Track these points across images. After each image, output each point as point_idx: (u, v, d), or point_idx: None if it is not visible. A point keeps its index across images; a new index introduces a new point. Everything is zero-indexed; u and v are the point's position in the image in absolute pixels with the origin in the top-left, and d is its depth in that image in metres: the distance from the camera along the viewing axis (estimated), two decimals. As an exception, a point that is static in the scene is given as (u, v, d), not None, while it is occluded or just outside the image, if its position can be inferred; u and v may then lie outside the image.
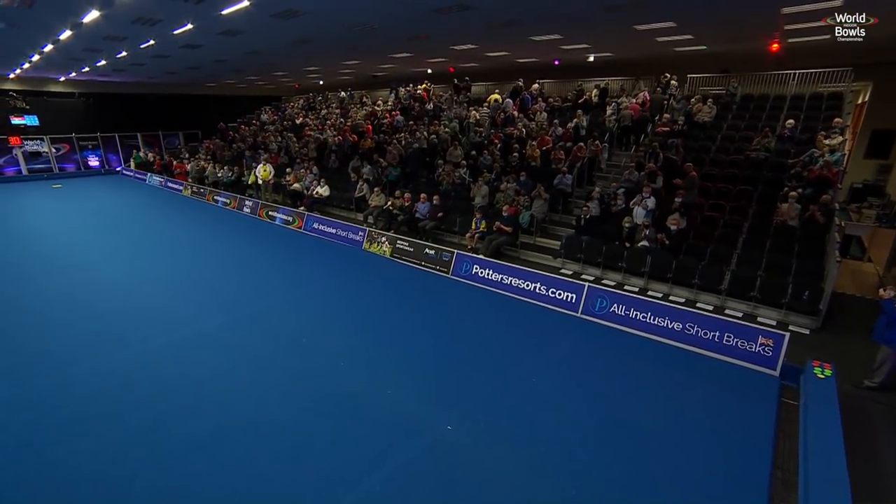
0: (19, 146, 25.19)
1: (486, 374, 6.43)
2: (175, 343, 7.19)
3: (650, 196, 10.00)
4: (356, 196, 14.90)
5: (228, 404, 5.69)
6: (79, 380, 6.19)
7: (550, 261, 10.73)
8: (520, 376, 6.38)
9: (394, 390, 6.03)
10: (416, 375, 6.39)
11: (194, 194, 20.07)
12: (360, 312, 8.42)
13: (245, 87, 31.94)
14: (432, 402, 5.79)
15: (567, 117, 15.66)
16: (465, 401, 5.83)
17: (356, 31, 13.27)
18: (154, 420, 5.39)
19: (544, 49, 15.96)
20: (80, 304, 8.60)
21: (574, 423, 5.46)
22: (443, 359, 6.83)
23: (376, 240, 12.01)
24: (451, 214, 12.42)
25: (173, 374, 6.35)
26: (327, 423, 5.38)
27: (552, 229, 11.96)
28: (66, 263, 10.94)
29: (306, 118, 24.72)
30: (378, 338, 7.45)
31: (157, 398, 5.80)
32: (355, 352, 7.01)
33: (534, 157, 13.72)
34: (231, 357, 6.80)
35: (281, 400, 5.80)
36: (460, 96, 20.69)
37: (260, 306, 8.59)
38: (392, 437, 5.18)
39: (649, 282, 9.26)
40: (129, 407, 5.63)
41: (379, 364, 6.67)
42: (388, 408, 5.67)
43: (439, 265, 10.56)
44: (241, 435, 5.15)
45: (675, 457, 4.94)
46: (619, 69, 18.08)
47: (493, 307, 8.76)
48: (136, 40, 14.14)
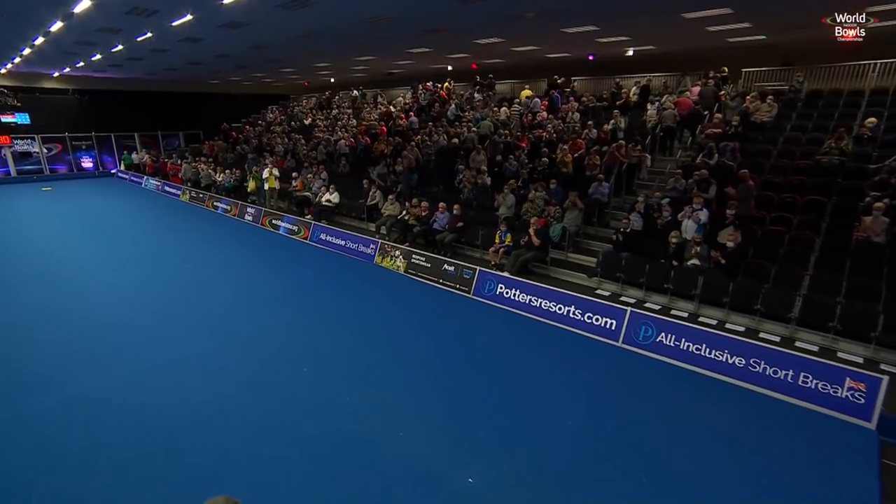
0: (8, 146, 25.62)
1: (513, 414, 5.95)
2: (160, 368, 6.88)
3: (702, 208, 9.47)
4: (368, 204, 14.71)
5: (215, 444, 5.31)
6: (45, 410, 5.88)
7: (585, 280, 10.30)
8: (552, 417, 5.88)
9: (406, 431, 5.59)
10: (432, 414, 5.95)
11: (192, 200, 20.11)
12: (370, 337, 8.05)
13: (251, 84, 32.38)
14: (451, 448, 5.33)
15: (602, 118, 15.32)
16: (489, 447, 5.35)
17: (369, 23, 13.17)
18: (128, 461, 5.02)
19: (578, 43, 15.76)
20: (56, 321, 8.39)
21: (621, 482, 4.93)
22: (462, 394, 6.38)
23: (389, 253, 11.71)
24: (472, 226, 12.09)
25: (154, 404, 6.01)
26: (327, 469, 4.96)
27: (587, 244, 11.57)
28: (45, 274, 10.84)
29: (315, 118, 24.81)
30: (389, 367, 7.06)
31: (133, 435, 5.44)
32: (363, 383, 6.62)
33: (565, 163, 13.36)
34: (221, 386, 6.45)
35: (276, 440, 5.40)
36: (483, 95, 20.46)
37: (258, 326, 8.29)
38: (403, 489, 4.73)
39: (701, 306, 8.71)
40: (98, 445, 5.28)
41: (389, 399, 6.25)
42: (398, 452, 5.23)
43: (459, 283, 10.19)
44: (228, 481, 4.75)
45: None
46: (660, 65, 17.77)
47: (521, 333, 8.31)
48: (132, 33, 14.25)
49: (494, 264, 10.78)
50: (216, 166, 21.75)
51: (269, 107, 29.99)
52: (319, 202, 15.51)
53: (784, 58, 15.92)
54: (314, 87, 33.23)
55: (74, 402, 6.05)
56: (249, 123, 28.01)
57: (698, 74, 15.51)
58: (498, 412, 5.98)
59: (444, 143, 16.10)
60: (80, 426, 5.61)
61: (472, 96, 20.44)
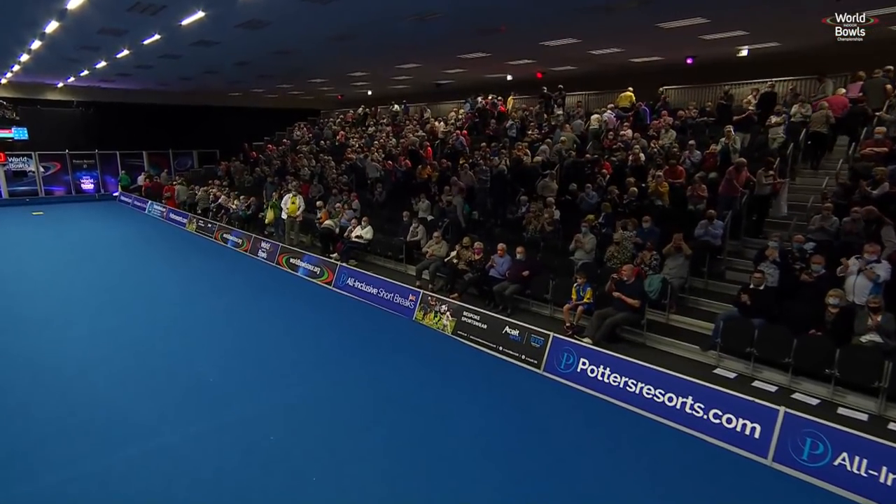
0: (2, 164, 26.60)
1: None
2: (131, 460, 6.02)
3: (879, 259, 7.97)
4: (408, 240, 14.19)
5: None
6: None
7: (697, 353, 9.06)
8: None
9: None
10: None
11: (200, 230, 20.23)
12: (405, 428, 6.94)
13: (276, 97, 33.15)
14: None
15: (707, 136, 14.70)
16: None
17: (414, 21, 13.02)
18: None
19: (676, 42, 15.12)
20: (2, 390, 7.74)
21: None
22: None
23: (434, 308, 10.87)
24: (540, 274, 11.20)
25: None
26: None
27: (694, 302, 10.54)
28: (8, 317, 10.58)
29: (348, 137, 25.03)
30: (433, 477, 5.91)
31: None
32: (394, 497, 5.54)
33: (660, 195, 12.52)
34: (211, 495, 5.48)
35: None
36: (551, 110, 20.13)
37: (257, 407, 7.37)
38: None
39: (888, 406, 7.13)
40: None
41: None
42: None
43: (526, 353, 9.12)
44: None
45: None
46: (784, 66, 16.66)
47: (612, 432, 7.04)
48: (138, 34, 14.49)
49: (569, 325, 9.95)
50: (230, 191, 21.94)
51: (296, 123, 30.38)
52: (349, 238, 15.02)
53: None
54: (349, 102, 33.71)
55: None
56: (273, 142, 28.48)
57: (843, 76, 14.28)
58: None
59: (503, 168, 15.44)
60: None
61: (552, 108, 19.99)
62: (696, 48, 16.06)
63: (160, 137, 30.63)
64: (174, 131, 31.01)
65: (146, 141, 30.44)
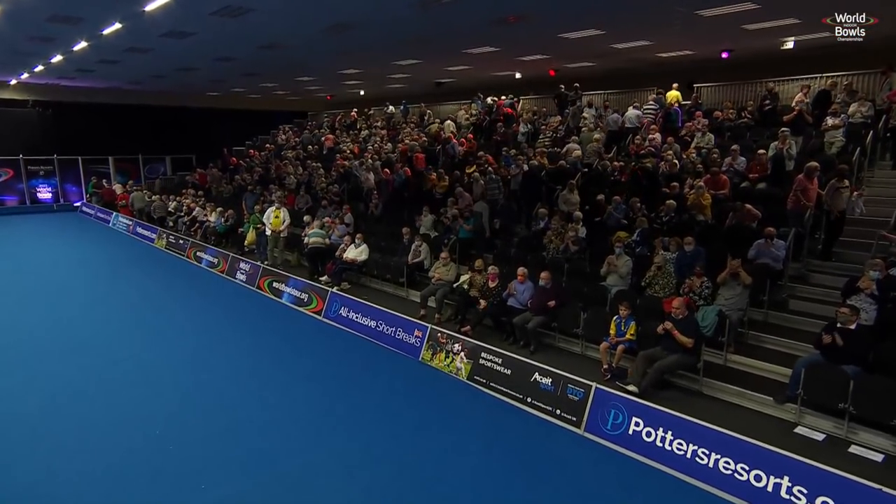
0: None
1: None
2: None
3: None
4: (410, 262, 13.45)
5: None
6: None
7: (768, 406, 8.00)
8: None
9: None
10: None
11: (171, 247, 19.62)
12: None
13: (259, 98, 32.90)
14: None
15: (748, 140, 14.31)
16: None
17: (417, 10, 12.63)
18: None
19: (715, 32, 14.47)
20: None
21: None
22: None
23: (444, 347, 9.88)
24: (568, 304, 10.37)
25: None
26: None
27: (756, 339, 9.55)
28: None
29: (339, 141, 24.91)
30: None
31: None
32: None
33: (701, 208, 11.81)
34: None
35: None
36: (567, 110, 19.55)
37: (236, 487, 6.13)
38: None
39: None
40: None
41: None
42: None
43: (562, 408, 7.99)
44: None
45: None
46: (836, 60, 15.81)
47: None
48: (95, 22, 13.77)
49: (608, 369, 9.09)
50: (206, 201, 21.34)
51: (280, 126, 30.14)
52: (340, 257, 14.19)
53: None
54: (339, 102, 33.46)
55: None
56: (255, 147, 28.35)
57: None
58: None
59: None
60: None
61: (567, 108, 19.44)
62: (736, 40, 15.37)
63: (129, 142, 30.21)
64: (145, 135, 30.64)
65: (113, 145, 29.98)
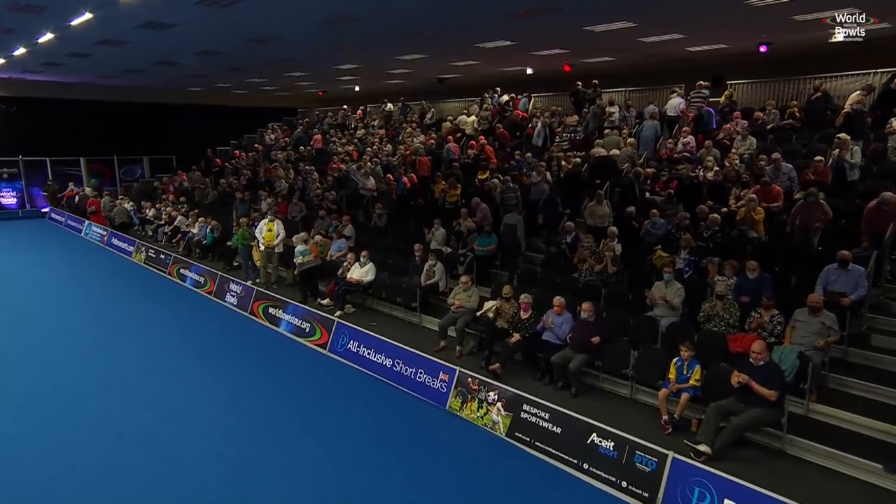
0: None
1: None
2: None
3: None
4: (424, 285, 12.55)
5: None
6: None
7: (874, 474, 7.05)
8: None
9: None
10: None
11: (150, 262, 18.69)
12: None
13: (245, 94, 32.95)
14: None
15: (795, 145, 13.93)
16: None
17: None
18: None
19: (760, 22, 13.89)
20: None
21: None
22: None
23: (476, 395, 8.81)
24: (613, 340, 9.63)
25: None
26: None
27: (839, 383, 8.74)
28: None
29: (333, 141, 24.63)
30: None
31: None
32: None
33: (753, 224, 11.21)
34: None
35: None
36: (585, 109, 18.94)
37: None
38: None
39: None
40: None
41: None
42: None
43: (628, 479, 6.98)
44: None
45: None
46: (880, 56, 15.15)
47: None
48: (61, 12, 13.17)
49: (668, 421, 8.18)
50: (189, 210, 20.55)
51: (269, 124, 29.58)
52: (343, 277, 13.31)
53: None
54: (331, 99, 33.33)
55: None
56: (240, 148, 27.89)
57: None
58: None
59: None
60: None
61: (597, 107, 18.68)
62: (780, 32, 14.83)
63: (103, 141, 29.82)
64: (120, 134, 30.34)
65: (85, 145, 29.60)
